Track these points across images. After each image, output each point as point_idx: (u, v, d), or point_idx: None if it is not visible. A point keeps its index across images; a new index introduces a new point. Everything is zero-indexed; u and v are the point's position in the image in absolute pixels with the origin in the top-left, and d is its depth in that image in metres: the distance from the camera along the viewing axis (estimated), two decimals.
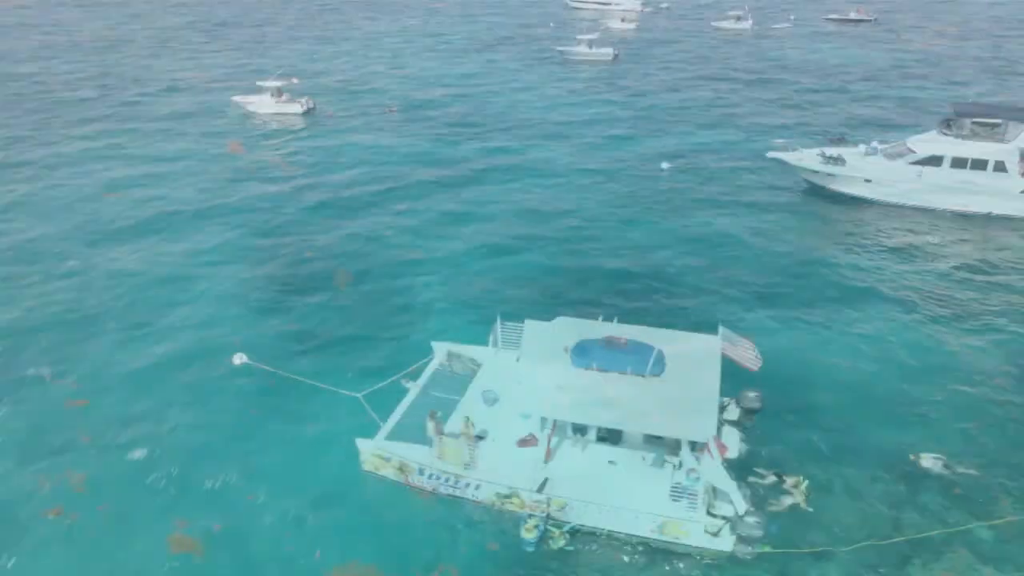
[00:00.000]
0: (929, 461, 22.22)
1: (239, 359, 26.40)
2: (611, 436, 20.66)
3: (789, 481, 21.05)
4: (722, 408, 23.67)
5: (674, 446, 20.10)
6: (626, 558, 19.05)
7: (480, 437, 20.76)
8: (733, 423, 23.15)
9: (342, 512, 20.75)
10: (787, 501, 20.60)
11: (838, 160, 40.77)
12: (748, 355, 22.17)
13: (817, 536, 19.62)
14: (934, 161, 38.62)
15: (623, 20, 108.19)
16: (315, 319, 30.99)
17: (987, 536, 19.95)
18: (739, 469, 20.94)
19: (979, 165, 37.83)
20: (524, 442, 20.25)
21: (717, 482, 18.72)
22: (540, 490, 19.49)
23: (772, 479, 21.23)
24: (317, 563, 19.25)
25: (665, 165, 48.20)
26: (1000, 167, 37.62)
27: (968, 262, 35.54)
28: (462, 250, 37.07)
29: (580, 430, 20.69)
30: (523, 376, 20.88)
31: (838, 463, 22.35)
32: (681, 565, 18.76)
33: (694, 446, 19.35)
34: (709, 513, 18.89)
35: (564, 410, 19.56)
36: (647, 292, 32.80)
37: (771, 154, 43.49)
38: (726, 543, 18.71)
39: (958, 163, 38.16)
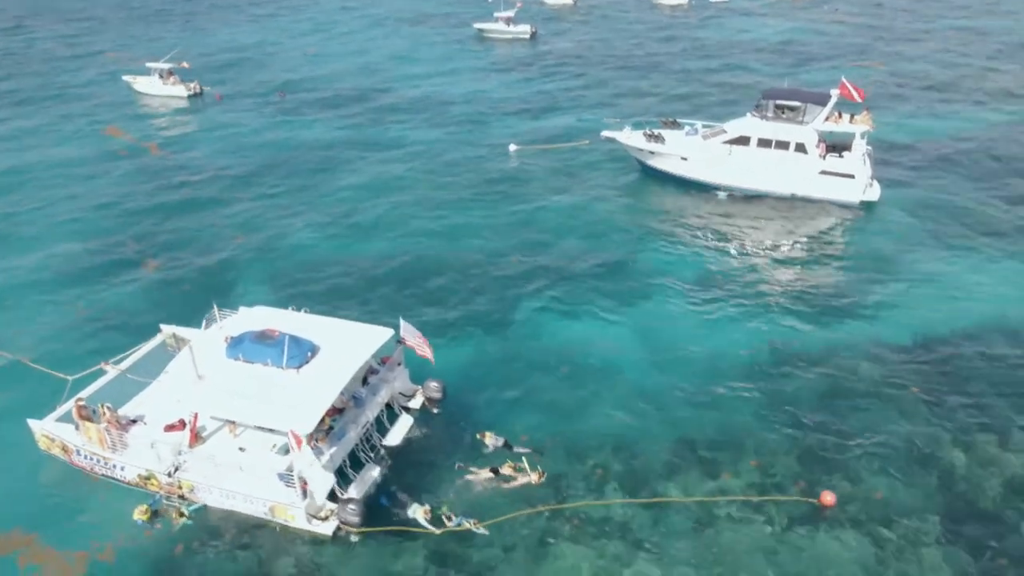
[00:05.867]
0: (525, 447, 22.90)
1: None
2: None
3: (506, 469, 21.93)
4: (410, 396, 24.62)
5: None
6: (244, 537, 20.13)
7: (134, 421, 21.67)
8: (414, 411, 24.06)
9: (17, 487, 21.97)
10: (522, 480, 21.62)
11: (658, 138, 41.33)
12: (424, 348, 22.93)
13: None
14: (743, 141, 39.11)
15: None
16: (99, 304, 31.97)
17: (623, 513, 20.98)
18: (439, 467, 22.25)
19: (782, 146, 38.36)
20: (171, 427, 21.21)
21: (304, 471, 19.52)
22: (171, 474, 20.44)
23: (488, 474, 21.97)
24: None
25: (512, 147, 48.56)
26: (801, 148, 38.09)
27: (762, 242, 36.26)
28: (284, 237, 37.85)
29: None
30: (179, 363, 21.66)
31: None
32: (288, 544, 19.84)
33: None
34: (323, 499, 19.87)
35: (196, 400, 20.39)
36: (438, 279, 33.46)
37: (604, 133, 43.91)
38: (328, 527, 19.68)
39: (763, 143, 38.72)
